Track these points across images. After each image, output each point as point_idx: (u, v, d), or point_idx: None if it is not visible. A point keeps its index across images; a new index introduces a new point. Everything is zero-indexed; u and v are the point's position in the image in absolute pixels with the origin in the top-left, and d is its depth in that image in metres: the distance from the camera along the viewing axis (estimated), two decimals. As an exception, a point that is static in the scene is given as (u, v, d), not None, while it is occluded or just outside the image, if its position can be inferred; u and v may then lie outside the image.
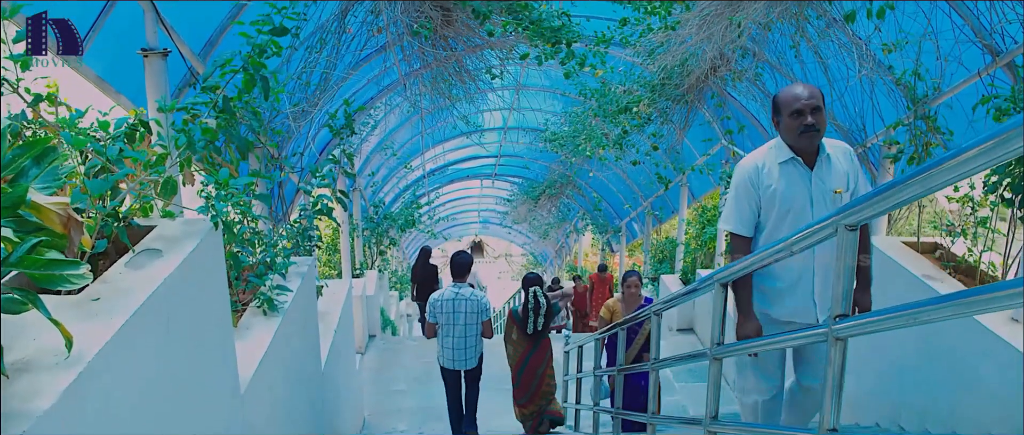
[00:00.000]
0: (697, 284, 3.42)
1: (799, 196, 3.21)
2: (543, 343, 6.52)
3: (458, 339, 6.12)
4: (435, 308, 6.16)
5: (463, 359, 6.23)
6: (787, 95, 3.17)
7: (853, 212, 1.72)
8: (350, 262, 9.23)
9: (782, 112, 3.18)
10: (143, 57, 3.53)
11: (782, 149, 3.25)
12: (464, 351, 6.19)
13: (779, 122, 3.24)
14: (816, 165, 3.23)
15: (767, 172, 3.24)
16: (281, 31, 3.16)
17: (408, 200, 15.56)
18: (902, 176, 1.53)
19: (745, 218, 3.33)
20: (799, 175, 3.22)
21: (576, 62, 5.25)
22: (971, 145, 1.30)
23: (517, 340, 6.49)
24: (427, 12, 4.54)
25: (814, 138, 3.13)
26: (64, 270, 1.61)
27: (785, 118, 3.16)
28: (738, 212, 3.34)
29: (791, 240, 2.14)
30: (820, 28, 5.48)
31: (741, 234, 3.36)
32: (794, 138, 3.15)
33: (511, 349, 6.61)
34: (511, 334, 6.59)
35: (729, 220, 3.39)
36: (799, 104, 3.11)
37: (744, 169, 3.34)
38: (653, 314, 3.91)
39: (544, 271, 29.39)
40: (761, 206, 3.28)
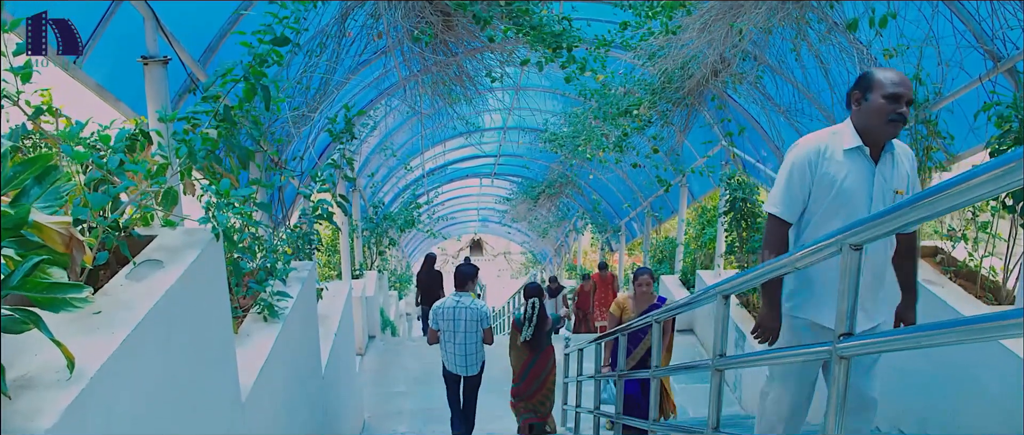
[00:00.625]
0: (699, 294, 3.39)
1: (859, 190, 2.93)
2: (546, 350, 6.61)
3: (459, 346, 6.33)
4: (437, 316, 6.33)
5: (464, 365, 6.43)
6: (885, 76, 2.88)
7: (859, 231, 1.71)
8: (350, 263, 9.21)
9: (874, 91, 2.86)
10: (143, 65, 3.52)
11: (849, 135, 2.95)
12: (465, 357, 6.39)
13: (862, 101, 2.92)
14: (881, 160, 2.96)
15: (829, 157, 2.94)
16: (282, 41, 3.15)
17: (407, 199, 15.55)
18: (909, 199, 1.52)
19: (794, 202, 3.04)
20: (863, 167, 2.94)
21: (576, 67, 5.24)
22: (979, 172, 1.30)
23: (520, 348, 6.58)
24: (428, 17, 4.53)
25: (898, 129, 2.89)
26: (66, 293, 1.60)
27: (877, 98, 2.83)
28: (787, 194, 3.05)
29: (795, 256, 2.13)
30: (821, 32, 5.47)
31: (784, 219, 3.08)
32: (881, 122, 2.84)
33: (515, 356, 6.73)
34: (514, 343, 6.68)
35: (775, 201, 3.09)
36: (898, 89, 2.83)
37: (803, 149, 3.02)
38: (653, 322, 3.90)
39: (543, 269, 29.42)
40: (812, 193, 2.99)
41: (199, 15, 4.29)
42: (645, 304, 5.99)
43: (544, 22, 4.90)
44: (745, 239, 8.68)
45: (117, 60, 3.67)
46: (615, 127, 7.34)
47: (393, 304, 14.22)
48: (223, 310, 3.50)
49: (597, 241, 18.91)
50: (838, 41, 5.40)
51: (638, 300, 6.04)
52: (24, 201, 1.71)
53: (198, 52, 4.30)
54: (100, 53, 3.52)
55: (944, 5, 4.50)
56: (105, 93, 3.65)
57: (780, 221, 3.08)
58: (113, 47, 3.63)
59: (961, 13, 4.51)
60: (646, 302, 6.00)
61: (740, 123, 7.53)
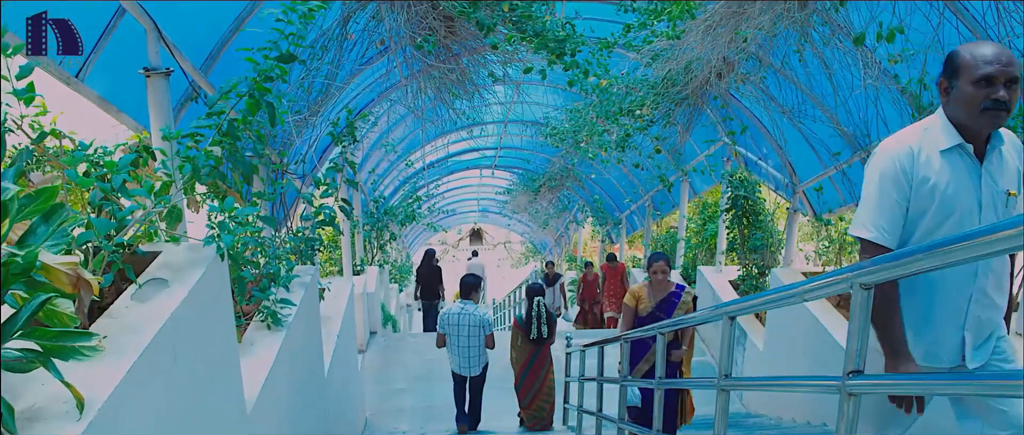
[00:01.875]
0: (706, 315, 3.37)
1: (965, 196, 2.41)
2: (544, 349, 7.12)
3: (463, 349, 6.96)
4: (444, 322, 6.99)
5: (468, 366, 7.05)
6: (971, 54, 2.35)
7: (870, 271, 1.70)
8: (351, 260, 9.21)
9: (960, 76, 2.37)
10: (145, 77, 3.50)
11: (944, 131, 2.45)
12: (469, 359, 7.01)
13: (950, 90, 2.44)
14: (986, 157, 2.44)
15: (924, 161, 2.42)
16: (288, 58, 3.13)
17: (408, 191, 15.54)
18: (924, 246, 1.52)
19: (893, 220, 2.45)
20: (966, 168, 2.42)
21: (580, 72, 5.22)
22: (992, 230, 1.29)
23: (521, 346, 7.10)
24: (430, 22, 4.50)
25: (999, 120, 2.36)
26: (75, 341, 1.59)
27: (964, 86, 2.34)
28: (882, 212, 2.46)
29: (802, 288, 2.11)
30: (825, 34, 5.44)
31: (883, 244, 2.42)
32: (972, 115, 2.35)
33: (515, 354, 7.20)
34: (516, 340, 7.17)
35: (867, 222, 2.49)
36: (990, 69, 2.29)
37: (892, 153, 2.47)
38: (658, 334, 3.88)
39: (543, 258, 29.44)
40: (911, 206, 2.44)
41: (201, 23, 4.27)
42: (662, 292, 5.65)
43: (547, 28, 4.87)
44: (746, 237, 8.69)
45: (119, 71, 3.65)
46: (617, 125, 7.32)
47: (394, 297, 14.24)
48: (228, 326, 3.50)
49: (598, 232, 18.92)
50: (842, 44, 5.37)
51: (654, 288, 5.66)
52: (31, 242, 1.70)
53: (200, 60, 4.28)
54: (102, 66, 3.50)
55: (949, 12, 4.47)
56: (107, 105, 3.63)
57: (878, 247, 2.42)
58: (114, 59, 3.61)
59: (966, 19, 4.48)
60: (663, 290, 5.66)
61: (742, 122, 7.51)
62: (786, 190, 7.95)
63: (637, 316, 5.64)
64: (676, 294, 5.66)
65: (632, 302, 5.69)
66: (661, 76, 5.90)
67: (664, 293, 5.63)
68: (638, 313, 5.64)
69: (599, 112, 6.56)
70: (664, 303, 5.62)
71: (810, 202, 7.69)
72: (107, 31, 3.40)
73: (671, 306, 5.60)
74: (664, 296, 5.62)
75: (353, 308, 8.05)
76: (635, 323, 5.57)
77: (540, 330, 6.92)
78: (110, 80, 3.60)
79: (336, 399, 6.19)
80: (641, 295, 5.67)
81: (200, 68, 4.26)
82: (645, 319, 5.53)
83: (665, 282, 5.61)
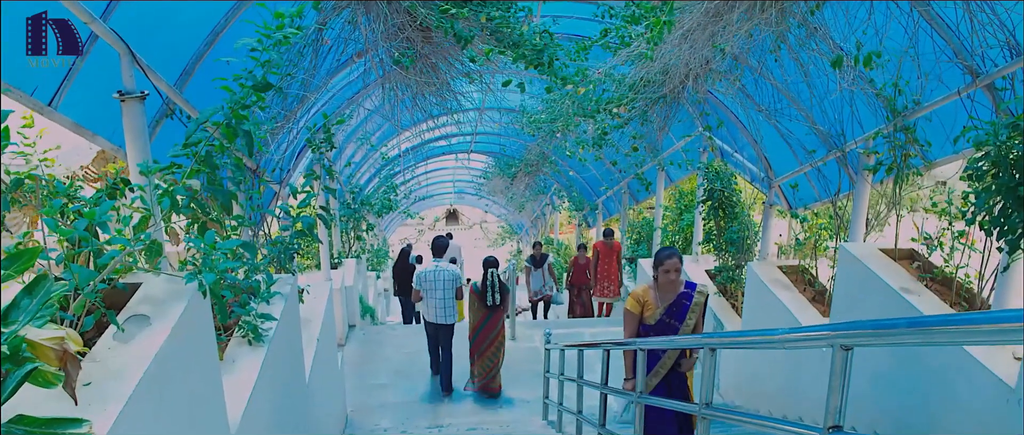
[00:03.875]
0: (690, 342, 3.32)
1: None
2: (496, 313, 8.30)
3: (438, 301, 8.29)
4: (420, 280, 8.29)
5: (443, 316, 8.36)
6: None
7: (851, 335, 1.73)
8: (329, 256, 9.16)
9: None
10: (120, 101, 3.43)
11: None
12: (444, 309, 8.33)
13: None
14: None
15: None
16: (264, 86, 3.09)
17: (384, 179, 15.44)
18: (904, 321, 1.55)
19: None
20: None
21: (558, 79, 5.20)
22: (977, 320, 1.32)
23: (477, 309, 8.33)
24: (408, 33, 4.45)
25: None
26: (66, 429, 1.57)
27: None
28: None
29: (780, 337, 2.15)
30: (801, 37, 5.47)
31: None
32: None
33: (471, 316, 8.47)
34: (474, 305, 8.38)
35: None
36: None
37: None
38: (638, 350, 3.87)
39: (519, 240, 29.53)
40: None
41: (174, 39, 4.18)
42: (671, 294, 4.88)
43: (525, 38, 4.83)
44: (723, 228, 8.76)
45: (93, 96, 3.58)
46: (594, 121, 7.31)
47: (372, 285, 14.20)
48: (210, 354, 3.48)
49: (574, 216, 18.96)
50: (818, 46, 5.40)
51: (662, 290, 4.90)
52: (14, 317, 1.68)
53: (173, 77, 4.20)
54: (75, 91, 3.43)
55: (925, 22, 4.51)
56: (82, 130, 3.56)
57: None
58: (88, 83, 3.54)
59: (941, 29, 4.53)
60: (672, 292, 4.88)
61: (720, 117, 7.55)
62: (762, 183, 8.02)
63: (643, 325, 4.94)
64: (687, 295, 4.92)
65: (636, 309, 4.90)
66: (639, 77, 5.90)
67: (673, 295, 4.89)
68: (643, 321, 4.92)
69: (575, 110, 6.54)
70: (675, 307, 4.88)
71: (786, 196, 7.78)
72: (79, 58, 3.33)
73: (683, 310, 4.87)
74: (674, 299, 4.88)
75: (333, 305, 8.02)
76: (640, 333, 4.93)
77: (493, 297, 8.12)
78: (84, 105, 3.53)
79: (317, 402, 6.18)
80: (647, 300, 4.91)
81: (174, 84, 4.18)
82: (653, 328, 4.88)
83: (677, 283, 4.87)
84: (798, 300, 6.84)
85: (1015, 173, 3.74)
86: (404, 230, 28.85)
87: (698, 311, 4.85)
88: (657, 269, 4.90)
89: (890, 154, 5.40)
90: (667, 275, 4.81)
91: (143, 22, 3.71)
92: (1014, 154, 3.75)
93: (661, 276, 4.85)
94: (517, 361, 9.45)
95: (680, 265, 4.81)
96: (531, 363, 9.33)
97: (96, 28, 3.19)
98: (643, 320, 4.89)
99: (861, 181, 5.90)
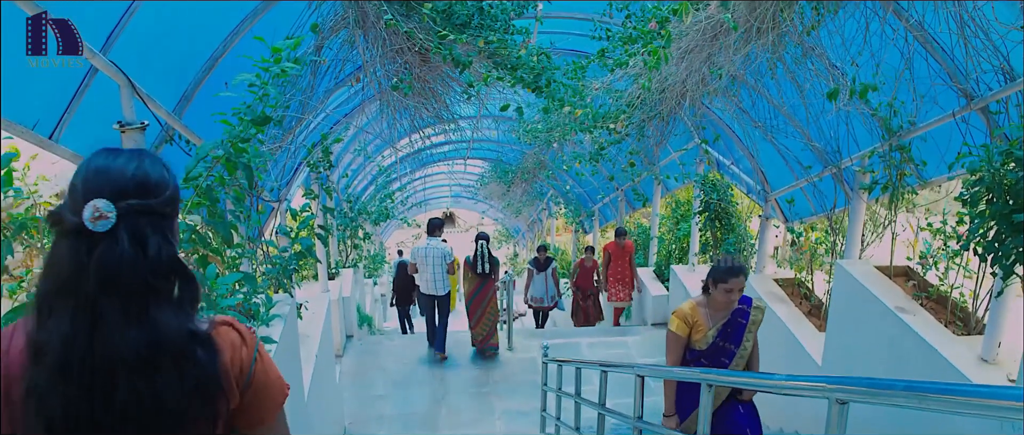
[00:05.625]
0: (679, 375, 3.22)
1: None
2: (488, 283, 9.37)
3: (432, 274, 9.26)
4: (416, 255, 9.33)
5: (436, 288, 9.34)
6: None
7: (847, 390, 1.76)
8: (327, 268, 9.17)
9: None
10: (120, 132, 3.45)
11: None
12: (436, 282, 9.30)
13: None
14: None
15: None
16: (263, 120, 3.11)
17: (381, 184, 15.44)
18: (902, 383, 1.57)
19: None
20: None
21: (555, 102, 5.22)
22: (975, 393, 1.34)
23: (471, 279, 9.42)
24: (406, 57, 4.47)
25: None
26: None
27: None
28: None
29: (777, 383, 2.17)
30: (797, 55, 5.50)
31: None
32: None
33: (466, 285, 9.52)
34: (467, 275, 9.49)
35: None
36: None
37: None
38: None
39: (516, 243, 29.59)
40: None
41: (173, 66, 4.20)
42: (725, 312, 4.19)
43: (523, 61, 4.85)
44: (719, 239, 8.81)
45: (93, 125, 3.60)
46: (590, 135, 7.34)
47: (368, 293, 14.21)
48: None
49: (570, 222, 18.98)
50: (814, 66, 5.44)
51: (713, 308, 4.19)
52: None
53: (172, 103, 4.21)
54: (75, 124, 3.45)
55: (920, 45, 4.54)
56: (81, 159, 3.57)
57: None
58: (88, 113, 3.55)
59: (936, 53, 4.56)
60: (726, 310, 4.18)
61: (716, 131, 7.58)
62: (759, 196, 8.06)
63: (690, 349, 4.22)
64: (742, 313, 4.22)
65: (683, 330, 4.17)
66: (636, 94, 5.93)
67: (727, 313, 4.20)
68: (691, 345, 4.21)
69: (573, 125, 6.56)
70: (730, 328, 4.20)
71: (782, 209, 7.81)
72: (80, 91, 3.35)
73: (739, 330, 4.20)
74: (728, 317, 4.20)
75: (330, 318, 8.03)
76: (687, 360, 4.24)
77: (483, 267, 9.25)
78: (84, 135, 3.54)
79: (315, 419, 6.19)
80: (697, 320, 4.17)
81: (173, 110, 4.20)
82: (705, 353, 4.17)
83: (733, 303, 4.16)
84: (794, 314, 6.87)
85: (1009, 199, 3.77)
86: (401, 234, 28.85)
87: (755, 330, 4.23)
88: (717, 286, 4.09)
89: (885, 173, 5.44)
90: (728, 295, 4.06)
91: (142, 50, 3.73)
92: (1008, 180, 3.78)
93: (721, 295, 4.08)
94: (515, 372, 9.46)
95: (744, 280, 4.06)
96: (529, 374, 9.35)
97: (97, 62, 3.21)
98: (690, 344, 4.19)
99: (856, 198, 5.94)
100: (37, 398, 1.25)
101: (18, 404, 1.28)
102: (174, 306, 1.34)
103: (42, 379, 1.25)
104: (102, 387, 1.26)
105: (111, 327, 1.25)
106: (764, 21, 4.49)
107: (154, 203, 1.32)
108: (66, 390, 1.25)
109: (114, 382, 1.26)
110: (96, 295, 1.25)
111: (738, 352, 4.13)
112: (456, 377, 9.22)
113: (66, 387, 1.25)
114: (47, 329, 1.26)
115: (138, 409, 1.28)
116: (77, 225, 1.25)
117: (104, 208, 1.25)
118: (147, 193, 1.31)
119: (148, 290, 1.29)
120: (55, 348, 1.25)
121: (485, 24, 4.62)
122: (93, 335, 1.25)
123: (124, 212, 1.27)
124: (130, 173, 1.31)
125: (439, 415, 8.41)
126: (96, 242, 1.25)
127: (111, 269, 1.25)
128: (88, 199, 1.26)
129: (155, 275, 1.29)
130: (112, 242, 1.25)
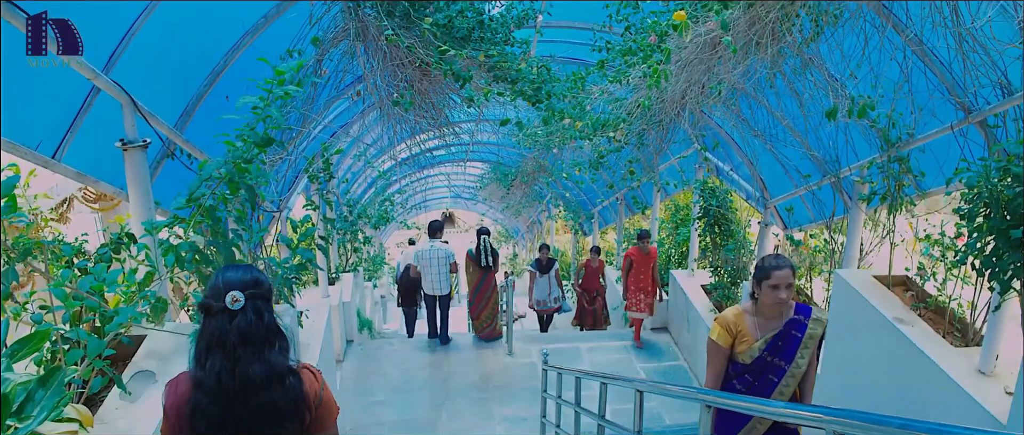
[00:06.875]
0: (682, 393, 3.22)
1: None
2: (490, 275, 9.99)
3: (435, 275, 9.74)
4: (419, 257, 9.75)
5: (439, 287, 9.85)
6: None
7: (847, 424, 1.79)
8: (327, 273, 9.18)
9: None
10: (123, 150, 3.47)
11: None
12: (439, 282, 9.79)
13: None
14: None
15: None
16: (266, 142, 3.12)
17: (380, 188, 15.44)
18: (897, 421, 1.60)
19: None
20: None
21: (555, 114, 5.24)
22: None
23: (473, 272, 10.02)
24: (406, 72, 4.48)
25: None
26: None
27: None
28: None
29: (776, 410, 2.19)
30: (796, 66, 5.52)
31: None
32: None
33: (469, 278, 10.11)
34: (469, 268, 10.04)
35: None
36: None
37: None
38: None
39: (515, 244, 29.64)
40: None
41: (174, 81, 4.22)
42: (777, 322, 3.55)
43: (523, 74, 4.86)
44: (718, 245, 8.82)
45: (95, 143, 3.62)
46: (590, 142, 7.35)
47: (368, 296, 14.21)
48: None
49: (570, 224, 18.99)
50: (813, 77, 5.46)
51: (763, 315, 3.56)
52: (29, 410, 1.71)
53: (174, 118, 4.23)
54: (78, 141, 3.47)
55: (918, 59, 4.57)
56: (85, 178, 3.60)
57: None
58: (90, 131, 3.57)
59: (935, 66, 4.59)
60: (778, 318, 3.55)
61: (716, 138, 7.60)
62: (758, 203, 8.08)
63: (733, 362, 3.61)
64: (797, 324, 3.55)
65: (725, 340, 3.56)
66: (635, 104, 5.95)
67: (780, 322, 3.55)
68: (734, 358, 3.60)
69: (572, 133, 6.58)
70: (781, 341, 3.53)
71: (781, 217, 7.83)
72: (82, 110, 3.37)
73: (793, 345, 3.53)
74: (780, 328, 3.55)
75: (331, 324, 8.05)
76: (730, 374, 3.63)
77: (486, 259, 9.81)
78: (86, 153, 3.57)
79: (316, 429, 6.20)
80: (742, 329, 3.56)
81: (175, 125, 4.22)
82: (749, 368, 3.57)
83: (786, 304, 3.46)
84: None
85: (1006, 214, 3.80)
86: (400, 235, 28.87)
87: (813, 347, 3.54)
88: (761, 286, 3.47)
89: (884, 183, 5.47)
90: (775, 292, 3.40)
91: (145, 67, 3.75)
92: (1005, 196, 3.80)
93: (767, 294, 3.44)
94: (515, 377, 9.48)
95: (792, 278, 3.42)
96: (529, 379, 9.36)
97: (100, 82, 3.23)
98: (734, 357, 3.59)
99: (855, 208, 5.96)
100: (199, 411, 2.04)
101: (186, 418, 2.05)
102: (278, 351, 2.13)
103: (203, 400, 2.03)
104: (241, 400, 2.03)
105: (245, 364, 2.04)
106: (763, 36, 4.51)
107: (262, 293, 2.14)
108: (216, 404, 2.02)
109: (247, 397, 2.04)
110: (236, 345, 2.03)
111: (789, 370, 3.49)
112: (456, 382, 9.24)
113: (216, 403, 2.02)
114: (205, 369, 2.04)
115: (264, 412, 2.06)
116: (222, 307, 2.05)
117: (239, 295, 2.06)
118: (258, 287, 2.13)
119: (264, 342, 2.08)
120: (211, 380, 2.03)
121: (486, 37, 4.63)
122: (234, 369, 2.03)
123: (249, 297, 2.08)
124: (248, 277, 2.13)
125: (439, 420, 8.43)
126: (234, 316, 2.05)
127: (244, 330, 2.05)
128: (227, 292, 2.06)
129: (268, 333, 2.10)
130: (244, 315, 2.06)
